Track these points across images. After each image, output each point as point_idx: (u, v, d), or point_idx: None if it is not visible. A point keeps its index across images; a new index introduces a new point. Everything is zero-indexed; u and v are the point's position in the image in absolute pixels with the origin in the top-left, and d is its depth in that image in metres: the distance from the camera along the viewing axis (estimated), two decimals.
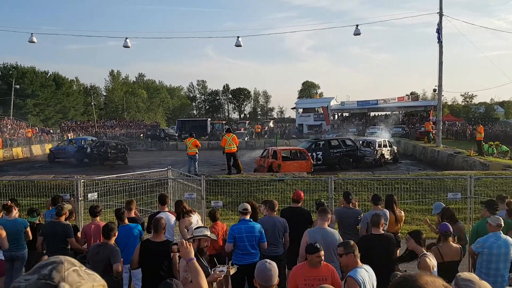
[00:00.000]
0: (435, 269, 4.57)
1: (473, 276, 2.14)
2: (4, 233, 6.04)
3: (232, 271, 4.52)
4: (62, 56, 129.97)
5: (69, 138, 38.21)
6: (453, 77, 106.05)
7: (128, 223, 6.51)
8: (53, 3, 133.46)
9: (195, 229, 4.77)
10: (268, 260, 3.76)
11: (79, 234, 6.72)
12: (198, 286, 2.99)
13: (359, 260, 4.13)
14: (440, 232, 5.55)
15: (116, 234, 5.63)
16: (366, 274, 3.99)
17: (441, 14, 23.85)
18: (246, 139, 43.82)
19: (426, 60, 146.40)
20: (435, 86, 30.65)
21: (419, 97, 72.82)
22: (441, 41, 24.19)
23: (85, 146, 27.66)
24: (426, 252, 4.79)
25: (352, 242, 4.32)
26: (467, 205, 8.27)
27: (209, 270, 4.23)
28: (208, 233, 4.54)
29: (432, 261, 4.61)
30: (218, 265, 4.48)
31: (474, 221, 7.86)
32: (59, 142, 35.09)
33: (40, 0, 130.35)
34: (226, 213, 10.75)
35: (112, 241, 5.57)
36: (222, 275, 4.17)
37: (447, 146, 26.30)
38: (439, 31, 23.96)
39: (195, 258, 3.16)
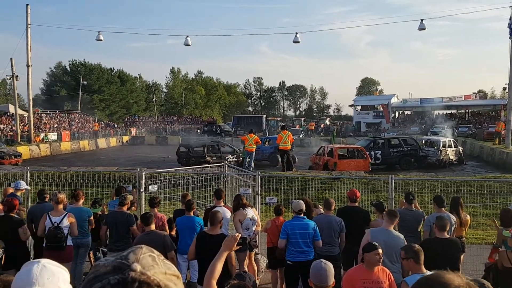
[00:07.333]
0: None
1: None
2: (75, 221, 6.38)
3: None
4: (126, 53, 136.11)
5: (267, 135, 30.13)
6: None
7: (193, 215, 6.65)
8: (118, 3, 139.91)
9: None
10: (324, 260, 3.64)
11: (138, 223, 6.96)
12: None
13: (422, 267, 3.90)
14: None
15: (154, 221, 5.88)
16: None
17: None
18: (301, 136, 43.46)
19: (495, 56, 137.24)
20: (505, 84, 28.98)
21: (488, 95, 68.48)
22: None
23: None
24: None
25: (416, 247, 4.13)
26: None
27: None
28: None
29: None
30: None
31: None
32: None
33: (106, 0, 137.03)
34: None
35: (153, 227, 5.77)
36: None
37: None
38: (510, 25, 22.55)
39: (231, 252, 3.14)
